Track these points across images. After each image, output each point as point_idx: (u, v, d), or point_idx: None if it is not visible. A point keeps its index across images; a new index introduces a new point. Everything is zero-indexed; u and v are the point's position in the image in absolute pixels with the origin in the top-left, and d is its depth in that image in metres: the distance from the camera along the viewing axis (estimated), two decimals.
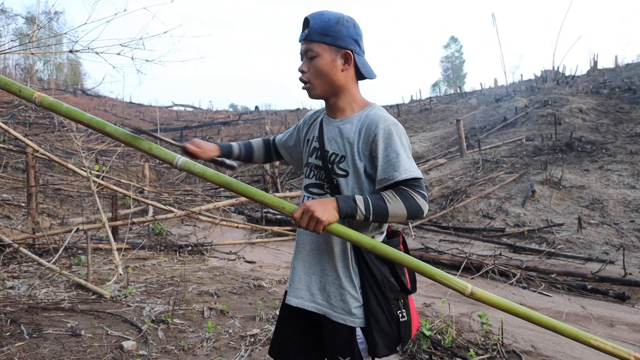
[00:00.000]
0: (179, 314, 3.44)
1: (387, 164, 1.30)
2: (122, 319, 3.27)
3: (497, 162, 10.39)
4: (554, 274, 4.39)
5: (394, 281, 1.39)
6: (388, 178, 1.30)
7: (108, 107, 30.44)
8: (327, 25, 1.35)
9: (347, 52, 1.37)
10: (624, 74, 17.96)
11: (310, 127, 1.57)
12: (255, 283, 4.38)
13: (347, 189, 1.38)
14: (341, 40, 1.36)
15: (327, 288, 1.40)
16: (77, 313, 3.36)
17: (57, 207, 8.32)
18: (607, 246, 6.02)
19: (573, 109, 13.02)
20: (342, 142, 1.41)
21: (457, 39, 59.31)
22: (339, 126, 1.43)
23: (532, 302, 3.90)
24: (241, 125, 26.96)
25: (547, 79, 22.16)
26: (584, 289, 4.15)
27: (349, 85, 1.41)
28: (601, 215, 6.96)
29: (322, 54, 1.36)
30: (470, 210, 7.93)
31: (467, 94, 25.98)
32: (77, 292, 3.83)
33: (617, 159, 9.10)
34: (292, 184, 12.46)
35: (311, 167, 1.48)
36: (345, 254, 1.38)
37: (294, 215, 1.28)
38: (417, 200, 1.28)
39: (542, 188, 8.07)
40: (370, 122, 1.36)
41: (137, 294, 3.85)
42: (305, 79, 1.40)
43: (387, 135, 1.32)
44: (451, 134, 15.06)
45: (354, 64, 1.39)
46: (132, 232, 6.99)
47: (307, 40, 1.38)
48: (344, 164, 1.39)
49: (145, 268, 4.80)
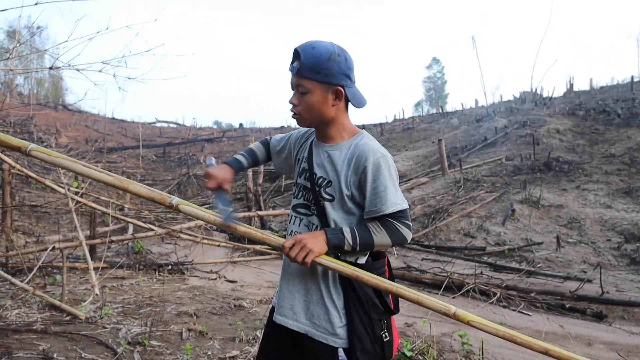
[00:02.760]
0: (157, 336, 3.36)
1: (375, 196, 1.36)
2: (97, 341, 3.17)
3: (477, 182, 10.56)
4: (533, 293, 4.44)
5: (378, 302, 1.41)
6: (376, 210, 1.36)
7: (90, 123, 30.03)
8: (318, 62, 1.36)
9: (338, 89, 1.39)
10: (598, 96, 18.61)
11: (301, 147, 1.59)
12: (236, 303, 4.31)
13: (332, 213, 1.42)
14: (332, 77, 1.37)
15: (310, 307, 1.42)
16: (50, 335, 3.25)
17: (33, 225, 8.11)
18: (584, 265, 6.14)
19: (550, 130, 13.38)
20: (330, 167, 1.44)
21: (439, 60, 60.65)
22: (329, 152, 1.46)
23: (512, 321, 3.93)
24: (225, 142, 26.88)
25: (526, 100, 22.79)
26: (562, 308, 4.21)
27: (338, 116, 1.45)
28: (579, 234, 7.10)
29: (313, 90, 1.38)
30: (452, 229, 8.01)
31: (449, 114, 26.49)
32: (50, 313, 3.70)
33: (593, 178, 9.35)
34: (276, 202, 12.41)
35: (300, 188, 1.51)
36: (329, 274, 1.40)
37: (284, 245, 1.32)
38: (402, 231, 1.37)
39: (521, 207, 8.21)
40: (360, 153, 1.39)
41: (114, 315, 3.74)
42: (296, 112, 1.44)
43: (375, 168, 1.36)
44: (433, 153, 15.29)
45: (344, 97, 1.42)
46: (111, 250, 6.84)
47: (298, 75, 1.39)
48: (331, 189, 1.43)
49: (123, 288, 4.68)
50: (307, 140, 1.59)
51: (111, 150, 22.78)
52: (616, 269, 5.97)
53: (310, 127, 1.52)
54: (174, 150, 24.65)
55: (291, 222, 1.53)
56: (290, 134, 1.69)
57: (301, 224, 1.48)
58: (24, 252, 4.87)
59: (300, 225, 1.49)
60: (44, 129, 23.81)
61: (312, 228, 1.45)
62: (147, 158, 22.64)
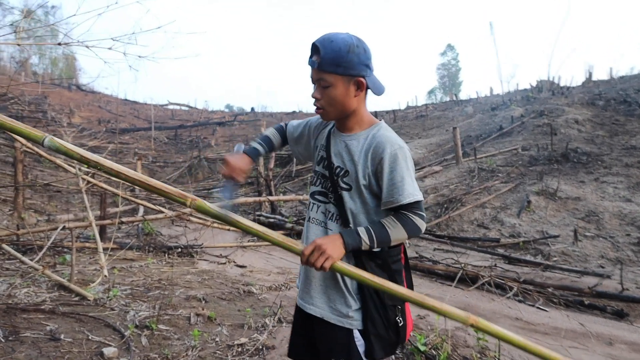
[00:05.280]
0: (165, 320, 3.31)
1: (392, 187, 1.37)
2: (104, 324, 3.13)
3: (492, 171, 10.35)
4: (551, 288, 4.31)
5: None
6: (393, 201, 1.38)
7: (102, 104, 30.13)
8: (338, 56, 1.36)
9: (360, 80, 1.40)
10: (618, 86, 18.07)
11: (320, 134, 1.61)
12: (245, 289, 4.26)
13: (349, 202, 1.44)
14: (353, 69, 1.37)
15: (327, 292, 1.46)
16: (58, 315, 3.22)
17: (45, 203, 8.14)
18: (603, 260, 5.96)
19: (569, 120, 13.04)
20: (348, 157, 1.46)
21: (453, 47, 59.56)
22: (346, 141, 1.48)
23: (528, 316, 3.82)
24: (236, 126, 26.80)
25: (543, 89, 22.26)
26: (581, 305, 4.07)
27: (359, 107, 1.46)
28: (597, 228, 6.91)
29: (335, 83, 1.39)
30: (465, 219, 7.86)
31: (463, 102, 26.05)
32: (59, 293, 3.68)
33: (612, 171, 9.08)
34: (286, 187, 12.34)
35: (318, 175, 1.54)
36: (344, 258, 1.39)
37: (303, 252, 1.33)
38: (416, 222, 1.38)
39: (537, 199, 8.02)
40: (377, 144, 1.41)
41: (122, 297, 3.71)
42: (319, 106, 1.45)
43: (393, 159, 1.38)
44: (447, 141, 15.03)
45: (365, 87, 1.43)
46: (121, 231, 6.83)
47: (318, 69, 1.39)
48: (348, 179, 1.44)
49: (132, 270, 4.65)
50: (326, 127, 1.60)
51: (123, 132, 22.86)
52: (635, 265, 5.79)
53: (333, 120, 1.53)
54: (185, 133, 24.68)
55: (310, 208, 1.56)
56: (308, 121, 1.69)
57: (318, 211, 1.51)
58: (34, 231, 4.86)
59: (317, 212, 1.51)
60: (58, 109, 23.95)
61: (328, 215, 1.47)
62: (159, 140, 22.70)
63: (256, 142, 1.67)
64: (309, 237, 1.48)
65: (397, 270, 1.45)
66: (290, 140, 1.71)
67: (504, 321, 3.70)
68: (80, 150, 1.32)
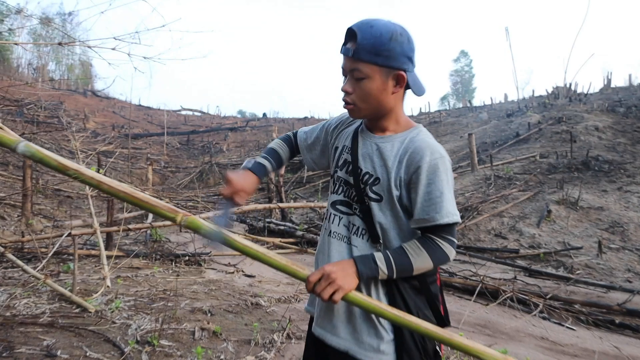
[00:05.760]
0: (168, 334, 3.15)
1: (428, 202, 1.17)
2: (104, 338, 2.97)
3: (509, 179, 10.05)
4: (578, 305, 4.04)
5: (430, 314, 1.24)
6: (428, 219, 1.17)
7: (117, 109, 30.44)
8: (378, 43, 1.16)
9: (400, 74, 1.20)
10: (639, 92, 17.59)
11: (341, 134, 1.40)
12: (253, 300, 4.08)
13: (379, 215, 1.23)
14: (394, 60, 1.18)
15: (353, 320, 1.24)
16: (56, 329, 3.07)
17: (54, 209, 8.08)
18: (630, 273, 5.66)
19: (589, 127, 12.67)
20: (379, 162, 1.25)
21: (467, 53, 59.14)
22: (378, 144, 1.27)
23: (555, 336, 3.56)
24: (248, 131, 26.80)
25: (559, 96, 21.80)
26: (611, 323, 3.80)
27: (396, 106, 1.27)
28: (622, 240, 6.59)
29: (372, 76, 1.19)
30: (482, 229, 7.59)
31: (477, 108, 25.67)
32: (60, 304, 3.54)
33: (636, 180, 8.74)
34: (297, 194, 12.17)
35: (340, 182, 1.33)
36: (375, 282, 1.22)
37: (309, 279, 1.16)
38: (445, 249, 1.17)
39: (558, 208, 7.71)
40: (415, 150, 1.21)
41: (125, 309, 3.55)
42: (349, 100, 1.24)
43: (432, 170, 1.18)
44: (461, 147, 14.73)
45: (405, 83, 1.23)
46: (129, 238, 6.72)
47: (353, 58, 1.19)
48: (378, 188, 1.23)
49: (137, 279, 4.50)
50: (350, 126, 1.37)
51: (136, 137, 23.01)
52: None
53: (364, 118, 1.31)
54: (197, 138, 24.75)
55: (329, 220, 1.32)
56: (325, 123, 1.47)
57: (340, 224, 1.30)
58: (39, 238, 4.75)
59: (339, 224, 1.30)
60: (73, 114, 24.22)
61: (352, 229, 1.27)
62: (171, 145, 22.79)
63: (262, 158, 1.48)
64: (332, 255, 1.28)
65: (435, 294, 1.24)
66: (303, 147, 1.51)
67: (528, 341, 3.46)
68: (59, 158, 1.16)
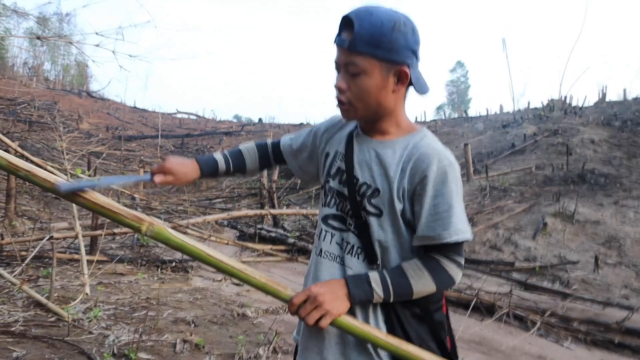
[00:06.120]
0: (147, 347, 2.98)
1: (434, 217, 1.01)
2: (78, 350, 2.81)
3: (505, 190, 9.97)
4: (576, 322, 3.92)
5: (434, 346, 1.08)
6: (433, 237, 1.01)
7: (111, 111, 30.20)
8: (379, 33, 0.99)
9: (403, 70, 1.03)
10: (633, 107, 17.65)
11: (332, 138, 1.21)
12: (240, 311, 3.92)
13: (378, 232, 1.06)
14: (397, 53, 1.01)
15: (347, 352, 1.07)
16: (28, 339, 2.90)
17: (40, 210, 7.87)
18: (626, 290, 5.55)
19: (584, 140, 12.65)
20: (379, 171, 1.07)
21: (463, 64, 59.45)
22: (377, 150, 1.10)
23: (552, 355, 3.42)
24: (243, 136, 26.64)
25: (555, 108, 21.85)
26: (610, 343, 3.67)
27: (397, 107, 1.10)
28: (618, 255, 6.49)
29: (370, 71, 1.02)
30: (476, 240, 7.47)
31: (473, 119, 25.69)
32: (35, 311, 3.36)
33: (632, 194, 8.67)
34: (290, 200, 12.01)
35: (333, 194, 1.15)
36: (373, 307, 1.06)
37: (292, 301, 1.01)
38: (450, 272, 1.02)
39: (554, 221, 7.62)
40: (420, 157, 1.05)
41: (104, 318, 3.38)
42: (343, 99, 1.07)
43: (440, 179, 1.03)
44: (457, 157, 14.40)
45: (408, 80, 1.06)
46: (116, 242, 6.53)
47: (349, 50, 1.02)
48: (378, 200, 1.06)
49: (120, 286, 4.33)
50: (343, 130, 1.20)
51: (130, 139, 22.79)
52: None
53: (359, 120, 1.14)
54: (192, 142, 24.55)
55: (320, 237, 1.15)
56: (313, 127, 1.29)
57: (332, 241, 1.13)
58: (18, 241, 4.56)
59: (331, 242, 1.13)
60: (67, 115, 23.97)
61: (346, 248, 1.10)
62: (166, 148, 22.55)
63: (220, 154, 1.28)
64: (322, 278, 1.11)
65: (439, 323, 1.09)
66: (288, 154, 1.32)
67: None
68: (8, 156, 1.01)
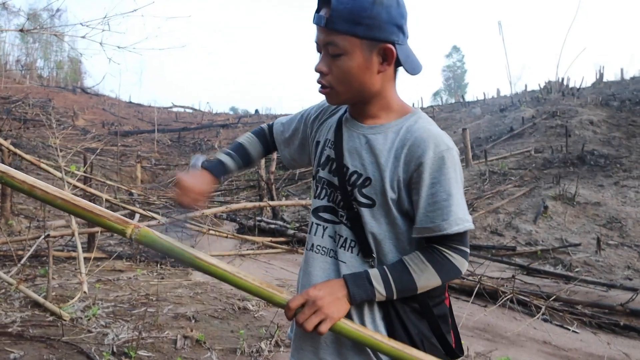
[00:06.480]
0: (147, 344, 2.94)
1: (433, 206, 0.94)
2: (77, 350, 2.77)
3: (504, 175, 9.91)
4: (580, 306, 3.89)
5: (436, 342, 1.02)
6: (433, 228, 0.95)
7: (107, 106, 29.96)
8: (358, 8, 0.90)
9: (388, 47, 0.94)
10: (631, 87, 17.55)
11: (323, 125, 1.14)
12: (241, 305, 3.88)
13: (371, 223, 0.99)
14: (379, 29, 0.93)
15: (343, 352, 1.01)
16: (26, 340, 2.86)
17: (37, 209, 7.81)
18: (629, 271, 5.53)
19: (583, 121, 12.57)
20: (370, 159, 1.00)
21: (459, 49, 59.06)
22: (367, 135, 1.02)
23: (557, 339, 3.39)
24: (240, 128, 26.47)
25: (552, 90, 21.72)
26: (615, 326, 3.64)
27: (385, 89, 1.01)
28: (620, 236, 6.46)
29: (351, 51, 0.94)
30: (477, 226, 7.43)
31: (470, 103, 25.56)
32: (32, 311, 3.31)
33: (633, 174, 8.63)
34: (289, 191, 11.96)
35: (323, 184, 1.09)
36: (369, 304, 1.00)
37: (289, 306, 0.94)
38: (455, 262, 0.96)
39: (554, 204, 7.58)
40: (415, 142, 0.96)
41: (102, 316, 3.34)
42: (325, 83, 0.99)
43: (438, 165, 0.95)
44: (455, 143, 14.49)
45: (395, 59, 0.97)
46: (114, 238, 6.49)
47: (327, 28, 0.94)
48: (369, 190, 0.99)
49: (119, 282, 4.29)
50: (333, 116, 1.12)
51: (126, 134, 22.65)
52: None
53: (344, 104, 1.07)
54: (189, 135, 24.43)
55: (312, 231, 1.08)
56: (304, 111, 1.21)
57: (324, 235, 1.06)
58: (14, 240, 4.50)
59: (323, 236, 1.06)
60: (62, 112, 23.79)
61: (339, 242, 1.03)
62: (162, 142, 22.45)
63: (225, 154, 1.21)
64: (314, 274, 1.04)
65: (441, 316, 1.03)
66: (280, 141, 1.24)
67: (530, 345, 3.29)
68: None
